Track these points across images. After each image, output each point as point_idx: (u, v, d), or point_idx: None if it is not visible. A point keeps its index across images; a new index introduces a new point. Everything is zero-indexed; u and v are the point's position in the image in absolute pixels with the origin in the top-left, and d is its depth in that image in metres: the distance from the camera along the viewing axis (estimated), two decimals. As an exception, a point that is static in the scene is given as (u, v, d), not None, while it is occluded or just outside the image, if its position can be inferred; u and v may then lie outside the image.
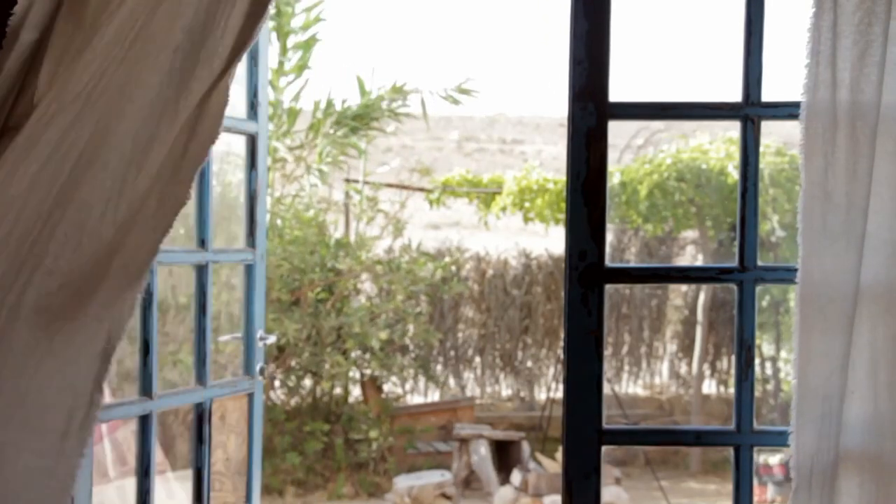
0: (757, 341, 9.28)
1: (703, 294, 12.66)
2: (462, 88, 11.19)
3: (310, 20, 10.67)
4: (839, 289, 2.27)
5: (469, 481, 10.51)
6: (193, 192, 3.45)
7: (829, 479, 2.28)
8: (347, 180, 12.26)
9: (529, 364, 13.21)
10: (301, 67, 10.74)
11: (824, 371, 2.28)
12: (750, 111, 2.43)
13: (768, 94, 2.44)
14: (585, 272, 2.42)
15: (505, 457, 10.63)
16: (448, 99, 11.16)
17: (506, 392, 13.36)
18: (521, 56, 39.15)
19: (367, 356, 10.87)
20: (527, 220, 12.69)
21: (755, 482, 2.55)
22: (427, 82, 11.24)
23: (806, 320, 2.30)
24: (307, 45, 10.71)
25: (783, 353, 11.64)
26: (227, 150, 4.65)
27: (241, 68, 3.76)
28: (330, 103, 10.90)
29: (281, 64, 10.59)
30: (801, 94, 2.29)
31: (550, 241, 14.10)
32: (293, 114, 10.76)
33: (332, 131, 10.70)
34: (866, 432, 2.26)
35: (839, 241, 2.27)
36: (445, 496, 9.76)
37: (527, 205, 12.51)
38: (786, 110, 2.44)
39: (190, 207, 3.23)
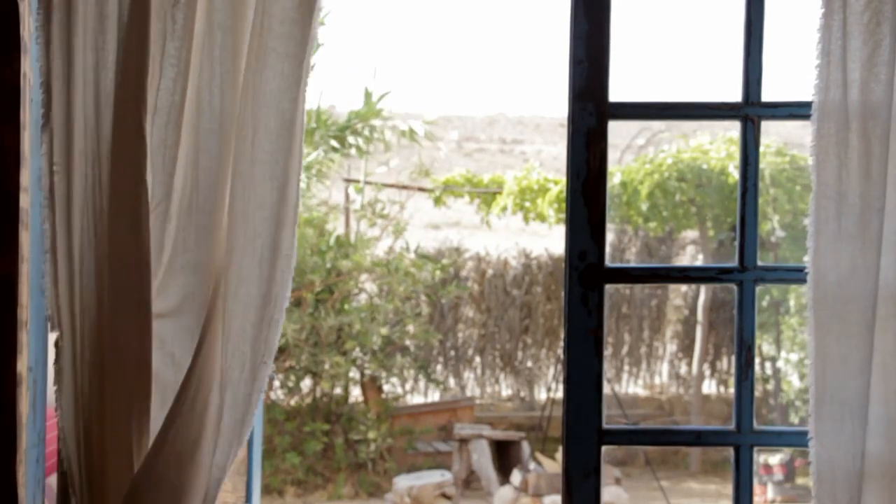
0: (757, 341, 9.29)
1: (703, 294, 12.67)
2: (427, 121, 11.49)
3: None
4: (856, 291, 2.25)
5: (469, 481, 10.51)
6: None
7: (855, 487, 2.25)
8: (347, 180, 12.26)
9: (529, 364, 13.21)
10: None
11: (841, 375, 2.25)
12: (750, 111, 2.43)
13: (768, 94, 2.44)
14: (585, 272, 2.42)
15: (505, 457, 10.64)
16: (406, 135, 11.35)
17: (506, 392, 13.36)
18: (521, 56, 39.17)
19: (367, 356, 10.88)
20: (527, 220, 12.70)
21: (755, 482, 2.55)
22: (400, 106, 11.43)
23: (821, 323, 2.27)
24: None
25: (783, 353, 11.64)
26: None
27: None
28: (320, 114, 10.90)
29: None
30: (812, 94, 2.28)
31: (550, 241, 14.10)
32: None
33: (318, 141, 10.73)
34: (882, 438, 2.24)
35: (854, 243, 2.25)
36: (445, 496, 9.76)
37: (527, 205, 12.51)
38: (786, 110, 2.44)
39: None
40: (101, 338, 2.20)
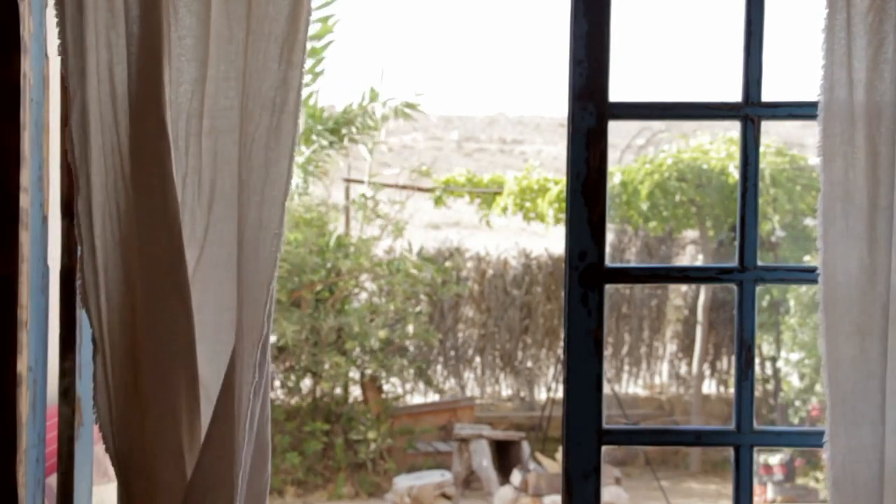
0: (757, 341, 9.29)
1: (703, 294, 12.67)
2: (409, 104, 11.50)
3: (324, 28, 10.65)
4: (865, 291, 2.23)
5: (469, 481, 10.51)
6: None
7: (876, 495, 2.22)
8: (347, 180, 12.26)
9: (529, 364, 13.21)
10: (315, 75, 10.75)
11: (853, 377, 2.23)
12: (750, 111, 2.43)
13: (768, 94, 2.44)
14: (585, 272, 2.42)
15: (505, 457, 10.63)
16: (399, 113, 11.36)
17: (506, 392, 13.36)
18: (521, 56, 39.17)
19: (367, 356, 10.88)
20: (528, 219, 12.71)
21: (755, 482, 2.54)
22: (397, 91, 11.51)
23: (832, 324, 2.25)
24: (317, 53, 10.70)
25: (783, 353, 11.65)
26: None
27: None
28: (317, 111, 10.89)
29: None
30: (818, 94, 2.27)
31: (550, 241, 14.10)
32: None
33: (315, 139, 10.73)
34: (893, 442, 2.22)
35: (861, 243, 2.24)
36: (445, 496, 9.76)
37: (527, 205, 12.52)
38: (786, 110, 2.44)
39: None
40: (136, 335, 2.20)
